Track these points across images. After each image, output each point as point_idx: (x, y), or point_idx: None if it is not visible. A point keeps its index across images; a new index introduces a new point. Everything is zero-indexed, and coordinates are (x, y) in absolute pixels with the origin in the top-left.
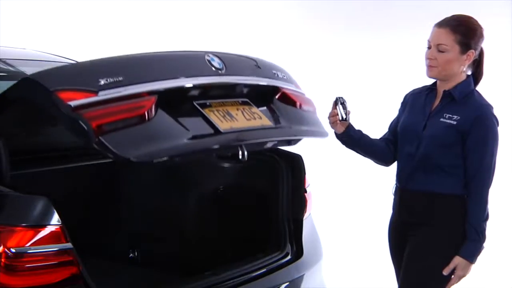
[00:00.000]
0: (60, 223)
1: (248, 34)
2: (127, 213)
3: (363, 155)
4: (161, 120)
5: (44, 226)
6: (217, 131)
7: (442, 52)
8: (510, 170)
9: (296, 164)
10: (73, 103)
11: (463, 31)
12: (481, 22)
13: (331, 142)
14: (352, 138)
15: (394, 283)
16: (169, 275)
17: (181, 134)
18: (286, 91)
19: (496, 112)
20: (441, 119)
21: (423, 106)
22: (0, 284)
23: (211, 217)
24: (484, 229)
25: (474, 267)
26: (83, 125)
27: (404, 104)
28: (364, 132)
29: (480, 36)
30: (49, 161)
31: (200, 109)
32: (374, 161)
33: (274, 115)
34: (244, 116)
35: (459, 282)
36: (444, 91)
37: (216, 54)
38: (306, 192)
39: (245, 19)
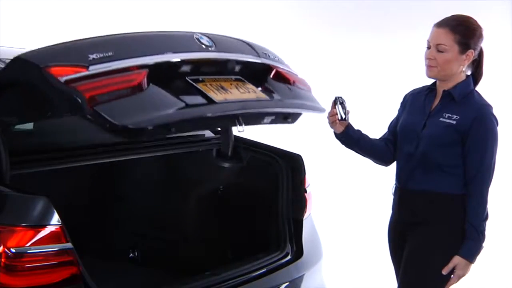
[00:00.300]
0: (60, 223)
1: (247, 34)
2: (127, 213)
3: (362, 155)
4: (154, 91)
5: (44, 226)
6: (211, 101)
7: (442, 52)
8: (510, 170)
9: (296, 164)
10: (64, 78)
11: (463, 31)
12: (481, 22)
13: (331, 142)
14: (351, 138)
15: (394, 283)
16: (169, 275)
17: (175, 103)
18: (280, 70)
19: (496, 112)
20: (441, 119)
21: (423, 106)
22: (0, 284)
23: (211, 217)
24: (484, 229)
25: (473, 266)
26: (76, 97)
27: (403, 104)
28: (364, 132)
29: (480, 36)
30: (49, 161)
31: (193, 83)
32: (373, 161)
33: (268, 91)
34: (239, 90)
35: (458, 282)
36: (444, 91)
37: (204, 34)
38: (306, 192)
39: (245, 19)
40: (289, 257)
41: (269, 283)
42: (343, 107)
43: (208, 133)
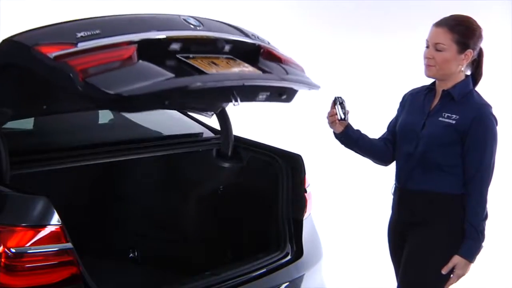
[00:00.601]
0: (60, 223)
1: None
2: (127, 213)
3: (361, 155)
4: (144, 65)
5: (44, 226)
6: (202, 73)
7: (440, 51)
8: (510, 170)
9: (296, 164)
10: (53, 54)
11: (461, 31)
12: (481, 22)
13: (331, 142)
14: (350, 138)
15: (394, 283)
16: (169, 275)
17: (166, 74)
18: (270, 49)
19: (495, 112)
20: (440, 119)
21: (422, 105)
22: (0, 284)
23: (211, 217)
24: (484, 229)
25: (473, 266)
26: (67, 71)
27: (403, 103)
28: (363, 132)
29: (479, 36)
30: (49, 161)
31: (184, 59)
32: (373, 161)
33: (261, 68)
34: (231, 65)
35: (458, 281)
36: (443, 90)
37: (191, 16)
38: (306, 192)
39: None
40: (289, 257)
41: (269, 283)
42: (343, 107)
43: (208, 133)
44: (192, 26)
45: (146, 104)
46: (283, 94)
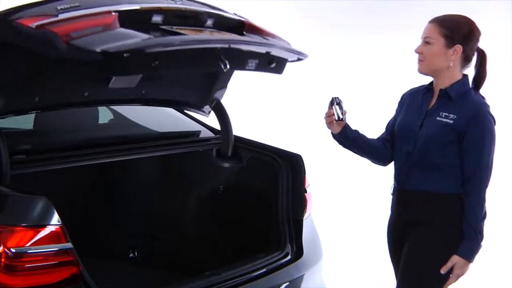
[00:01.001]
0: (60, 223)
1: None
2: (127, 213)
3: (360, 155)
4: (127, 30)
5: (44, 226)
6: (186, 35)
7: (428, 44)
8: (509, 169)
9: (296, 164)
10: (35, 24)
11: (449, 25)
12: (481, 22)
13: (331, 142)
14: (348, 138)
15: (393, 283)
16: (169, 275)
17: (151, 35)
18: (254, 24)
19: (495, 112)
20: (438, 118)
21: (420, 105)
22: (0, 284)
23: (211, 217)
24: (482, 228)
25: (472, 266)
26: (50, 37)
27: (401, 103)
28: (362, 132)
29: (471, 33)
30: (49, 161)
31: (167, 28)
32: (371, 161)
33: (246, 37)
34: (214, 34)
35: (457, 281)
36: (441, 90)
37: None
38: (306, 192)
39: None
40: (289, 257)
41: (269, 283)
42: (340, 108)
43: (207, 133)
44: (172, 1)
45: (134, 64)
46: (272, 62)
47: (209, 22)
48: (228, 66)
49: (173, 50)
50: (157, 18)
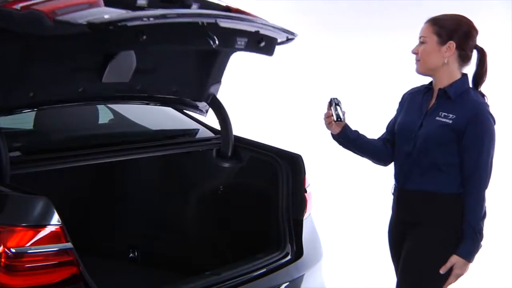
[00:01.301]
0: (60, 223)
1: None
2: (127, 213)
3: (360, 155)
4: (110, 8)
5: (44, 226)
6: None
7: (423, 43)
8: (509, 169)
9: (296, 164)
10: (19, 5)
11: (442, 23)
12: (481, 22)
13: (331, 142)
14: (348, 139)
15: (393, 283)
16: (169, 275)
17: (135, 10)
18: (241, 9)
19: (495, 111)
20: (437, 118)
21: (420, 105)
22: (0, 284)
23: (211, 217)
24: (482, 228)
25: (471, 266)
26: (35, 15)
27: (402, 103)
28: (362, 132)
29: (464, 30)
30: (49, 161)
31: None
32: (372, 161)
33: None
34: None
35: (456, 281)
36: (440, 89)
37: None
38: (306, 192)
39: None
40: (289, 257)
41: (269, 283)
42: (339, 108)
43: (207, 133)
44: None
45: (122, 38)
46: (261, 41)
47: (195, 6)
48: (217, 42)
49: (159, 25)
50: (142, 1)
